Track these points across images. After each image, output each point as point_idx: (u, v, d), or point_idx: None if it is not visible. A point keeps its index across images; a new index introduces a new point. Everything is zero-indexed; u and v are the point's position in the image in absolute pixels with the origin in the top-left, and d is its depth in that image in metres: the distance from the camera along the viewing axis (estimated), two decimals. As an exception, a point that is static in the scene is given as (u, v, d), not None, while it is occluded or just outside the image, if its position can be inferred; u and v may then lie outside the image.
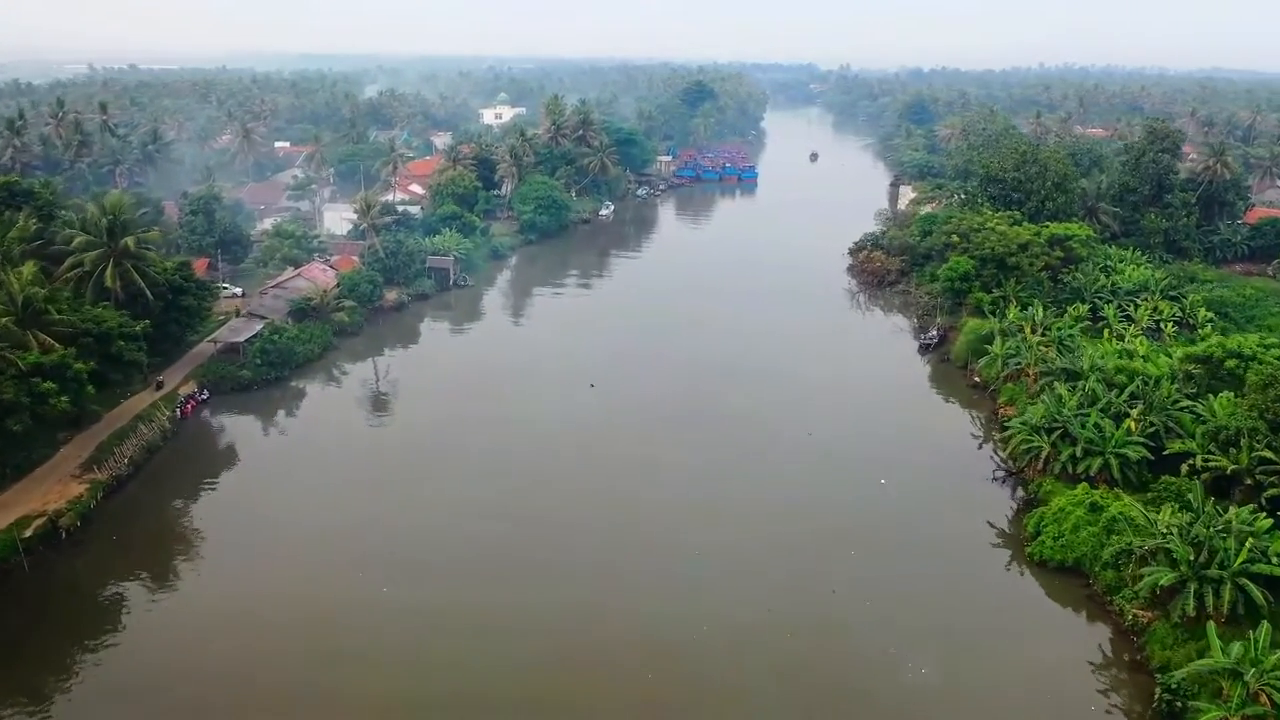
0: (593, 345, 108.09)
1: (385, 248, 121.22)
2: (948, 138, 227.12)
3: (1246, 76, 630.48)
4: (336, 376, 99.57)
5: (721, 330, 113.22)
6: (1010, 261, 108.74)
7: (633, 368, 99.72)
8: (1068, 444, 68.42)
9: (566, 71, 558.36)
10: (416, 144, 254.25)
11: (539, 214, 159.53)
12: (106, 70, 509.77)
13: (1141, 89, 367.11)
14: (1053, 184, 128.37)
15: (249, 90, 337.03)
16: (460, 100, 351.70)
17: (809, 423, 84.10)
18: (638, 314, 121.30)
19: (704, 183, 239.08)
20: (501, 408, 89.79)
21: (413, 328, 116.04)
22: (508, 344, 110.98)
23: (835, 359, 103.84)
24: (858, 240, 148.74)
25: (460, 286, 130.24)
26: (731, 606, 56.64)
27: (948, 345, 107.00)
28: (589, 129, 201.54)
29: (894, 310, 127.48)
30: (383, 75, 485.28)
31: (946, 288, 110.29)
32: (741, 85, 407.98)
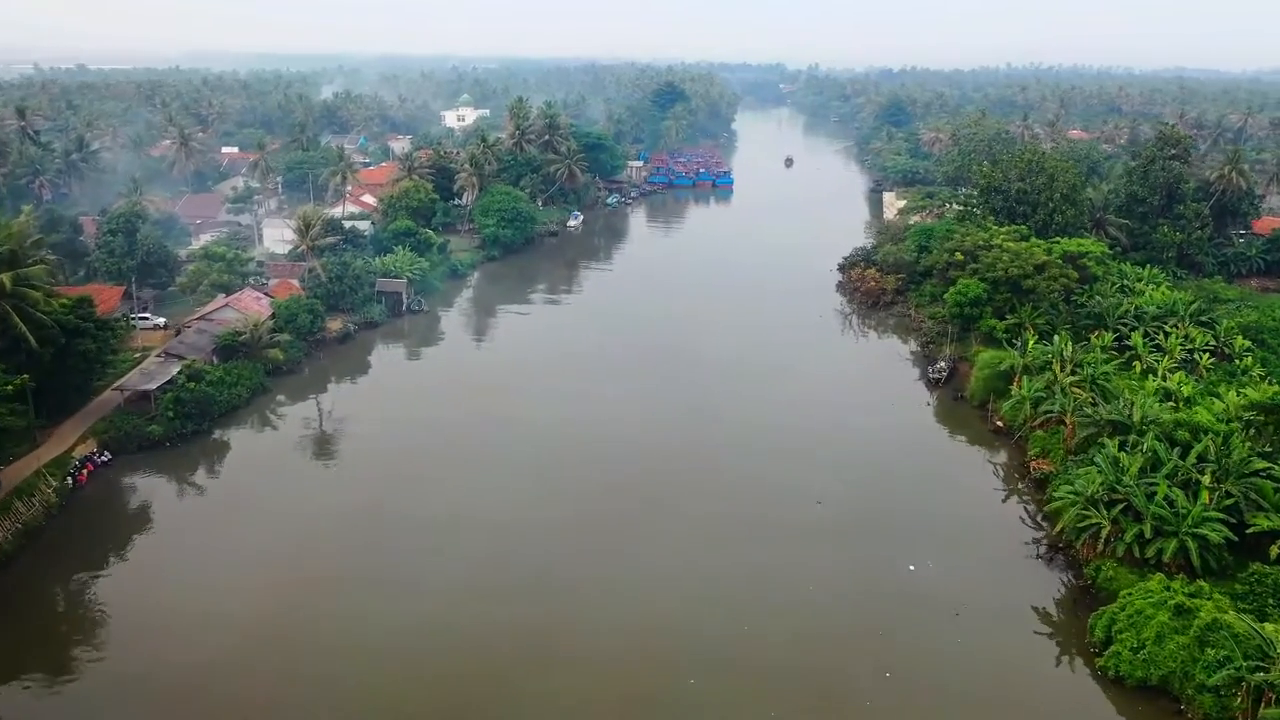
0: (557, 385, 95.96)
1: (329, 271, 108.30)
2: (932, 141, 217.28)
3: (1210, 76, 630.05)
4: (269, 423, 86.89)
5: (704, 363, 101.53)
6: (1026, 285, 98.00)
7: (604, 415, 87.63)
8: (1132, 521, 57.37)
9: (532, 72, 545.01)
10: (372, 149, 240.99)
11: (502, 227, 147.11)
12: (54, 70, 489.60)
13: (1120, 89, 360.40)
14: (1061, 195, 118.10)
15: (198, 92, 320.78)
16: (421, 102, 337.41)
17: (813, 482, 72.48)
18: (610, 342, 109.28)
19: (677, 189, 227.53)
20: (460, 452, 79.06)
21: (360, 361, 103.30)
22: (466, 376, 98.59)
23: (835, 397, 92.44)
24: (848, 255, 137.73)
25: (414, 312, 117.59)
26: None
27: (959, 379, 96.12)
28: (555, 134, 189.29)
29: (889, 331, 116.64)
30: (342, 76, 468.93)
31: (954, 313, 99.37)
32: (713, 86, 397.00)
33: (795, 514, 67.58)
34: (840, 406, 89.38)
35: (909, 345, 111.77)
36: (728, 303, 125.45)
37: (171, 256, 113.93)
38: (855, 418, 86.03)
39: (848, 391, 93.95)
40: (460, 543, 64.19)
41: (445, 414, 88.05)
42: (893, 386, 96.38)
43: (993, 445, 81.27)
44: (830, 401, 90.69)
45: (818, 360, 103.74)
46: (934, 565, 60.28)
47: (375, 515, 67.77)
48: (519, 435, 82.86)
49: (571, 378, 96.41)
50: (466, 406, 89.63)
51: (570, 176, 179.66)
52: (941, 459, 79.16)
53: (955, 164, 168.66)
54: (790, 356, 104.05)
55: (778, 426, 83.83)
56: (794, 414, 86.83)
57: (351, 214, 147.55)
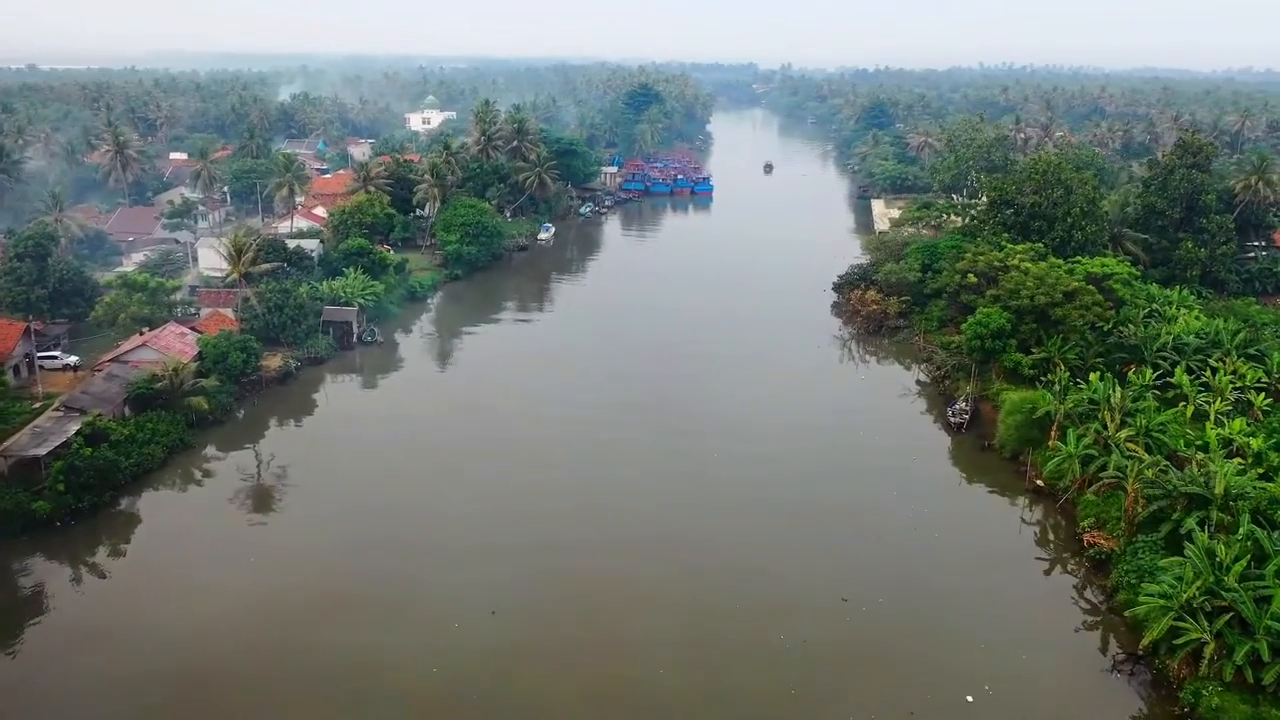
0: (525, 422, 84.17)
1: (266, 301, 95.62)
2: (920, 146, 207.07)
3: (1182, 76, 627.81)
4: (191, 486, 74.29)
5: (691, 402, 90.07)
6: (1055, 314, 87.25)
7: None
8: (1240, 635, 46.40)
9: (501, 72, 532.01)
10: (330, 155, 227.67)
11: (466, 244, 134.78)
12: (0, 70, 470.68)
13: (1102, 90, 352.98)
14: (1080, 210, 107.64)
15: (148, 94, 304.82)
16: (384, 104, 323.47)
17: (833, 570, 61.06)
18: (585, 372, 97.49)
19: (654, 196, 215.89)
20: (421, 512, 68.57)
21: (302, 404, 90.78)
22: (423, 420, 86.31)
23: (844, 445, 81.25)
24: (843, 274, 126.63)
25: (367, 343, 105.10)
26: None
27: (982, 421, 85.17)
28: (524, 139, 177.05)
29: (892, 358, 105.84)
30: (304, 77, 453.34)
31: (973, 346, 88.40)
32: (687, 87, 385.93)
33: (819, 621, 55.66)
34: (853, 463, 77.97)
35: (913, 371, 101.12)
36: (715, 328, 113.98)
37: (90, 283, 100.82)
38: (871, 482, 74.22)
39: (859, 441, 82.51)
40: (423, 633, 52.72)
41: (402, 465, 76.86)
42: (908, 431, 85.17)
43: (1033, 509, 70.16)
44: (840, 456, 79.31)
45: (820, 400, 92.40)
46: (993, 691, 48.85)
47: (315, 602, 55.97)
48: (482, 491, 71.42)
49: (539, 431, 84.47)
50: (426, 457, 78.39)
51: (540, 185, 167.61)
52: (977, 529, 67.85)
53: (951, 171, 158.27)
54: (790, 397, 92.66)
55: (785, 502, 72.28)
56: (802, 480, 75.24)
57: (300, 230, 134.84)
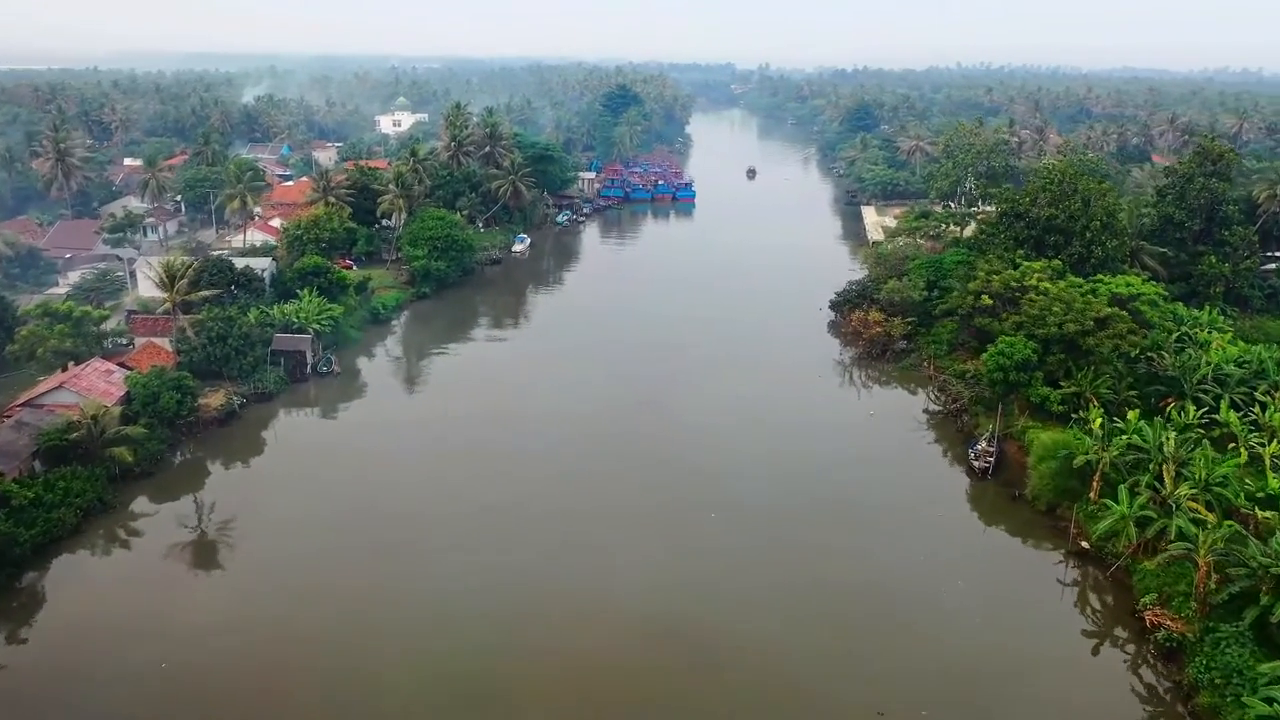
0: (494, 466, 74.82)
1: (205, 333, 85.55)
2: (912, 150, 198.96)
3: (1159, 75, 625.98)
4: (111, 551, 64.69)
5: (679, 448, 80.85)
6: (1085, 345, 78.71)
7: (553, 528, 66.70)
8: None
9: (475, 72, 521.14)
10: (294, 160, 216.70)
11: (434, 259, 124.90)
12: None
13: (1088, 90, 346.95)
14: (1100, 223, 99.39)
15: (105, 96, 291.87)
16: (353, 106, 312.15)
17: (858, 669, 51.99)
18: (563, 409, 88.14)
19: (634, 203, 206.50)
20: (377, 568, 60.67)
21: (246, 447, 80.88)
22: (380, 463, 76.86)
23: (855, 498, 72.10)
24: (840, 291, 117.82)
25: (323, 374, 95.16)
26: None
27: (1008, 463, 76.48)
28: (497, 145, 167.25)
29: (894, 383, 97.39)
30: (273, 77, 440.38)
31: (994, 378, 79.67)
32: (665, 88, 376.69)
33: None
34: (867, 519, 68.91)
35: (919, 397, 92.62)
36: (703, 351, 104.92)
37: (10, 310, 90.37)
38: (891, 545, 65.25)
39: (871, 491, 73.41)
40: None
41: (361, 514, 68.26)
42: (924, 475, 76.35)
43: (1080, 578, 61.39)
44: (853, 511, 70.18)
45: (824, 439, 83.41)
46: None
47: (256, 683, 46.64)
48: (444, 545, 63.01)
49: (510, 467, 75.09)
50: (386, 505, 69.32)
51: (514, 194, 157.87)
52: (1021, 605, 58.87)
53: (949, 178, 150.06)
54: (791, 437, 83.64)
55: (796, 581, 63.21)
56: (814, 550, 66.09)
57: (253, 247, 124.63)
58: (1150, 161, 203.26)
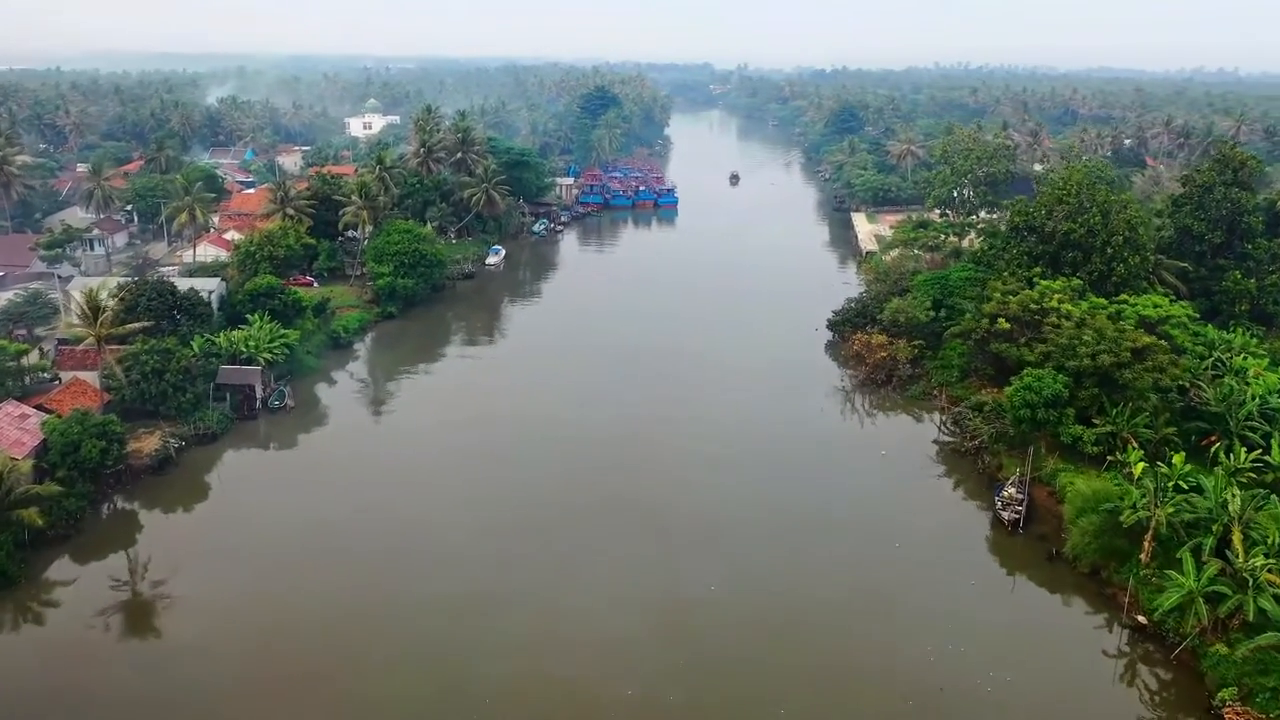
0: (463, 509, 66.19)
1: (138, 369, 76.28)
2: (902, 154, 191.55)
3: (1136, 75, 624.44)
4: (17, 630, 55.75)
5: (666, 490, 72.55)
6: (1122, 378, 70.93)
7: (529, 579, 58.24)
8: None
9: (449, 72, 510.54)
10: (257, 166, 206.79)
11: (401, 276, 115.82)
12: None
13: (1074, 92, 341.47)
14: (1123, 238, 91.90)
15: (61, 98, 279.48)
16: (321, 109, 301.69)
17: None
18: (541, 448, 79.60)
19: (614, 210, 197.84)
20: (328, 634, 52.86)
21: (184, 495, 71.83)
22: (338, 498, 68.35)
23: (870, 558, 63.94)
24: (839, 310, 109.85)
25: (274, 409, 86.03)
26: None
27: (1038, 512, 68.54)
28: (470, 150, 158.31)
29: (899, 410, 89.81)
30: (243, 77, 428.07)
31: (1020, 416, 71.71)
32: (644, 88, 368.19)
33: None
34: (886, 586, 60.76)
35: (929, 427, 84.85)
36: (691, 373, 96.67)
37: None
38: (917, 625, 57.03)
39: (888, 548, 65.27)
40: None
41: (312, 574, 60.60)
42: (945, 525, 68.25)
43: (1138, 657, 53.43)
44: (868, 573, 62.11)
45: (830, 479, 75.29)
46: None
47: None
48: (412, 612, 54.53)
49: (483, 509, 66.48)
50: (339, 564, 61.33)
51: (488, 203, 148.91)
52: (1068, 690, 50.77)
53: (948, 185, 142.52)
54: (791, 477, 75.50)
55: (809, 665, 54.99)
56: (828, 631, 58.03)
57: (203, 264, 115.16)
58: (1145, 165, 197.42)
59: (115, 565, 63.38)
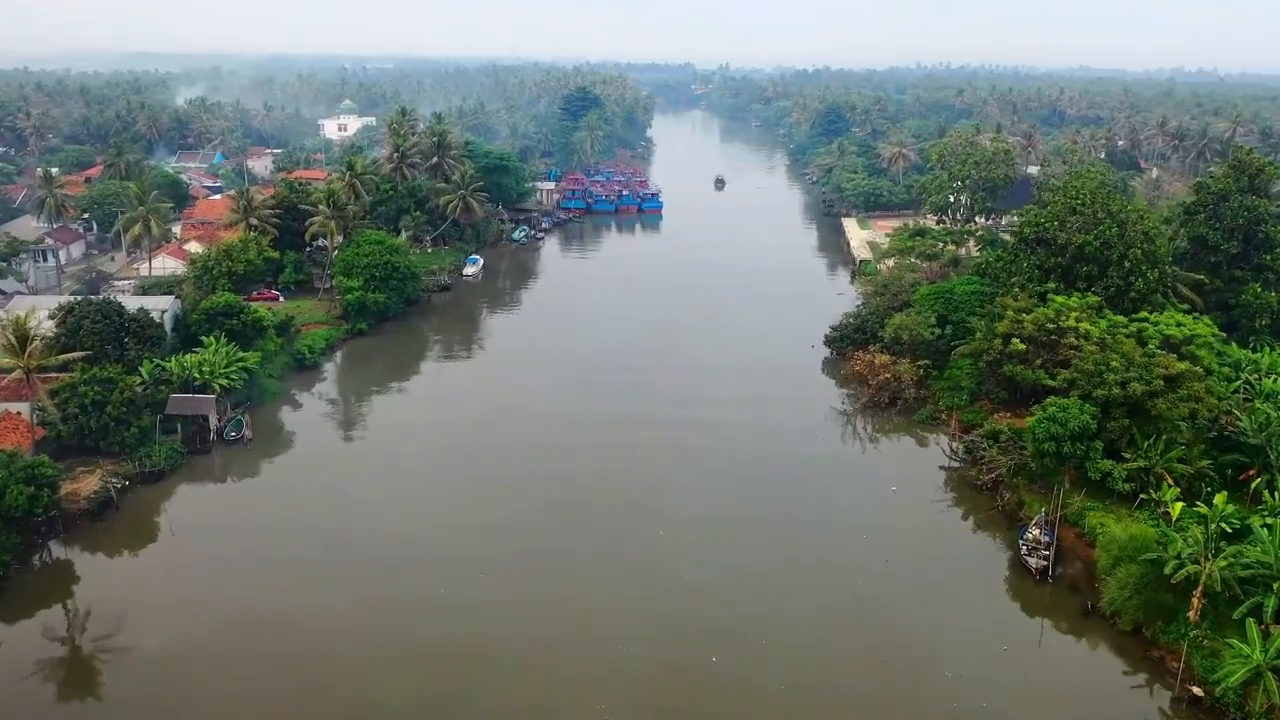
0: (433, 558, 59.74)
1: (80, 398, 69.31)
2: (894, 157, 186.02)
3: (1116, 74, 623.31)
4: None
5: (660, 544, 66.34)
6: (1155, 409, 65.15)
7: (506, 628, 51.90)
8: None
9: (428, 72, 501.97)
10: (224, 170, 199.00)
11: (372, 290, 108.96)
12: None
13: (1061, 92, 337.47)
14: (1141, 251, 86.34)
15: (26, 100, 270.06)
16: (292, 110, 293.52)
17: None
18: (520, 487, 73.18)
19: (597, 215, 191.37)
20: None
21: (126, 540, 65.25)
22: (298, 539, 61.82)
23: (881, 610, 57.86)
24: (837, 325, 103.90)
25: (230, 441, 79.10)
26: None
27: (1067, 557, 62.61)
28: (446, 155, 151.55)
29: (904, 435, 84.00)
30: (216, 78, 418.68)
31: (1045, 449, 65.81)
32: (627, 89, 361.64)
33: None
34: (905, 630, 54.86)
35: (934, 451, 79.04)
36: (682, 394, 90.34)
37: None
38: (933, 692, 51.12)
39: (907, 600, 59.23)
40: None
41: (273, 636, 54.18)
42: (968, 577, 62.10)
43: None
44: (888, 636, 55.99)
45: (836, 520, 69.09)
46: None
47: None
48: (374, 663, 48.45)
49: (457, 551, 60.04)
50: (306, 618, 55.05)
51: (465, 210, 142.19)
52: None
53: (944, 191, 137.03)
54: (793, 518, 69.34)
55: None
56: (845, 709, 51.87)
57: (159, 280, 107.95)
58: (1139, 168, 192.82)
59: (51, 621, 57.16)
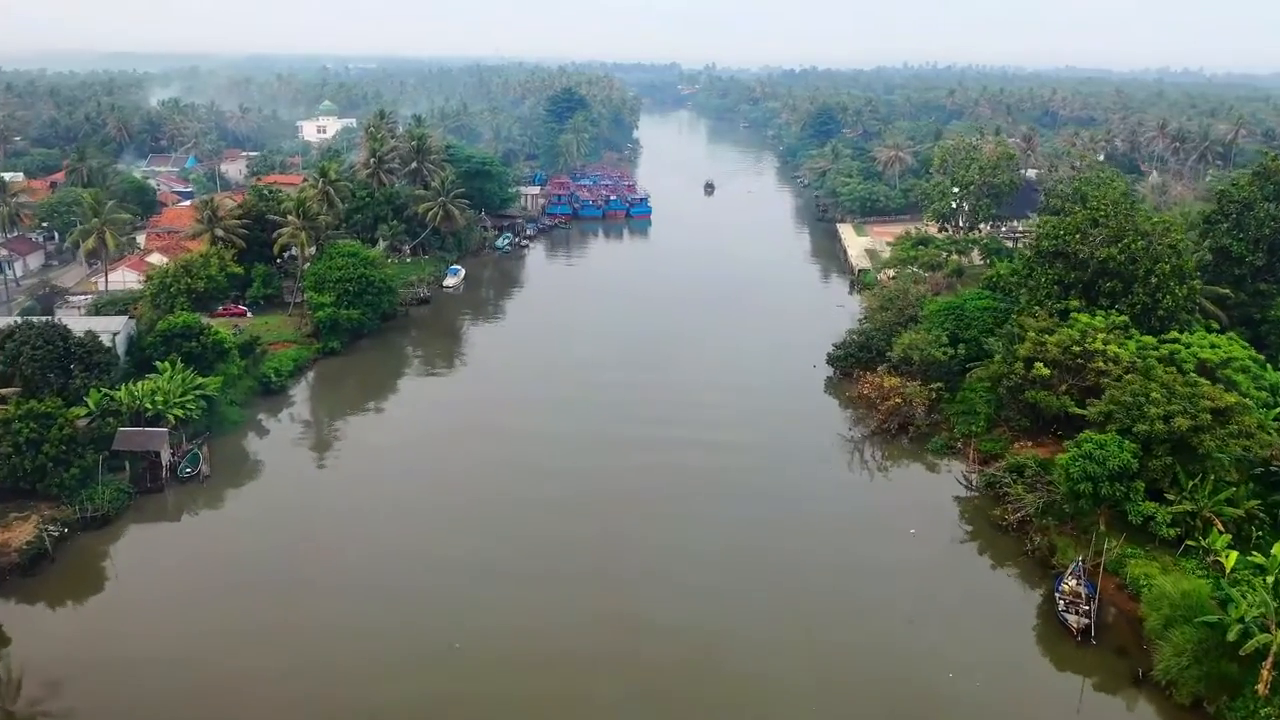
0: (407, 601, 53.33)
1: (13, 435, 62.47)
2: (890, 160, 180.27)
3: (1102, 75, 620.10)
4: None
5: (651, 589, 60.13)
6: (1202, 446, 59.27)
7: None
8: None
9: (412, 72, 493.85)
10: (197, 175, 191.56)
11: (345, 306, 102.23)
12: None
13: (1053, 93, 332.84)
14: (1169, 267, 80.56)
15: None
16: (269, 111, 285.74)
17: None
18: (497, 514, 66.85)
19: (583, 220, 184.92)
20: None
21: (66, 593, 58.66)
22: (258, 616, 55.27)
23: (906, 676, 51.80)
24: (840, 343, 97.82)
25: (184, 478, 72.28)
26: None
27: (1109, 613, 56.60)
28: (426, 159, 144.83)
29: (915, 462, 78.01)
30: (194, 78, 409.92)
31: (1079, 490, 59.84)
32: (613, 90, 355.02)
33: None
34: (935, 695, 48.73)
35: (952, 483, 72.90)
36: (675, 419, 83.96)
37: None
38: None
39: (926, 661, 53.18)
40: None
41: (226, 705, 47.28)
42: (997, 632, 56.06)
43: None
44: (907, 690, 49.90)
45: (844, 567, 62.97)
46: None
47: None
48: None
49: (442, 609, 53.63)
50: (263, 685, 48.37)
51: (446, 218, 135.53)
52: None
53: (948, 198, 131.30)
54: (800, 565, 63.22)
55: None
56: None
57: (114, 299, 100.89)
58: (1139, 171, 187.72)
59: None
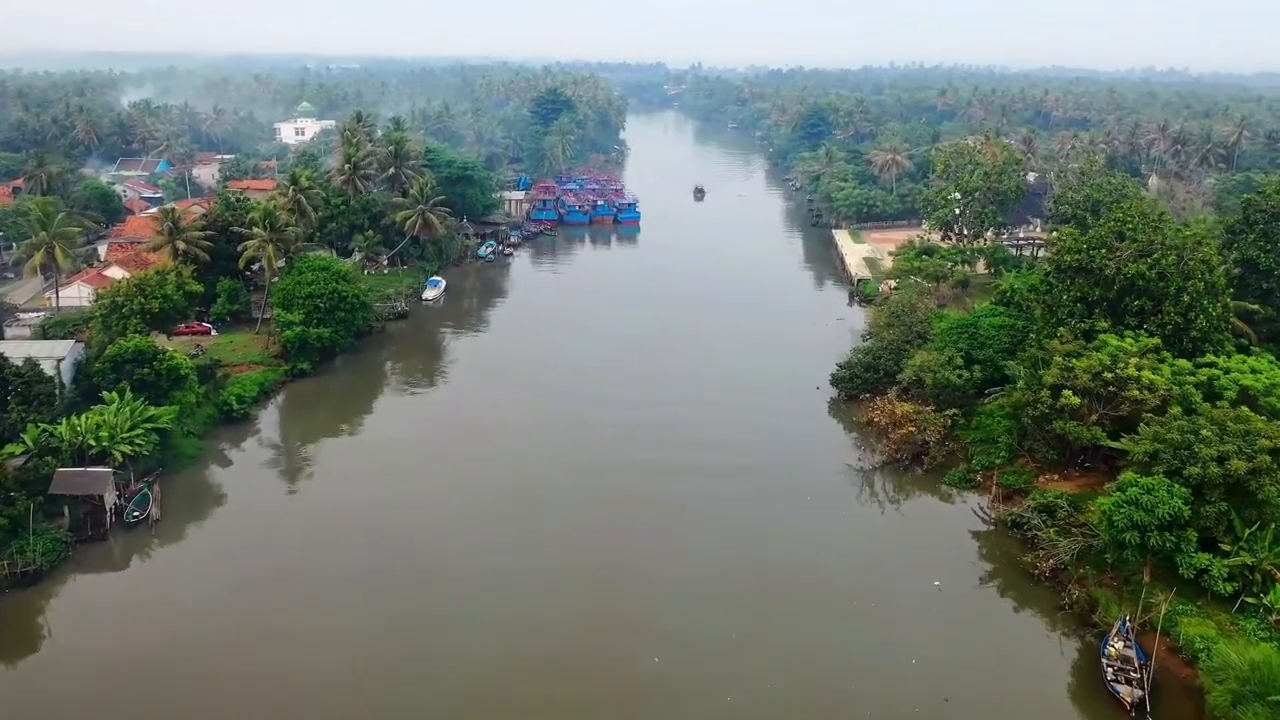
0: (380, 653, 47.02)
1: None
2: (886, 164, 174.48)
3: (1087, 74, 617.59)
4: None
5: (648, 641, 53.87)
6: (1262, 491, 53.32)
7: None
8: None
9: (394, 72, 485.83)
10: (166, 180, 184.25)
11: (316, 324, 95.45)
12: None
13: (1046, 93, 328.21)
14: (1203, 284, 74.82)
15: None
16: (245, 113, 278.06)
17: None
18: (475, 564, 60.47)
19: (569, 226, 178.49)
20: None
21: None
22: (209, 660, 48.57)
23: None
24: (846, 364, 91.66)
25: (133, 523, 65.46)
26: None
27: (1162, 681, 50.52)
28: (404, 165, 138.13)
29: (930, 494, 72.06)
30: (171, 78, 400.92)
31: (1128, 542, 53.67)
32: (598, 90, 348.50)
33: None
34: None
35: (967, 515, 66.87)
36: (669, 444, 77.71)
37: None
38: None
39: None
40: None
41: None
42: (1041, 707, 49.99)
43: None
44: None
45: (862, 628, 56.83)
46: None
47: None
48: None
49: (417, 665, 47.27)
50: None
51: (425, 227, 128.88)
52: None
53: (952, 205, 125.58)
54: (811, 628, 57.06)
55: None
56: None
57: (63, 319, 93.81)
58: (1140, 174, 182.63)
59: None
